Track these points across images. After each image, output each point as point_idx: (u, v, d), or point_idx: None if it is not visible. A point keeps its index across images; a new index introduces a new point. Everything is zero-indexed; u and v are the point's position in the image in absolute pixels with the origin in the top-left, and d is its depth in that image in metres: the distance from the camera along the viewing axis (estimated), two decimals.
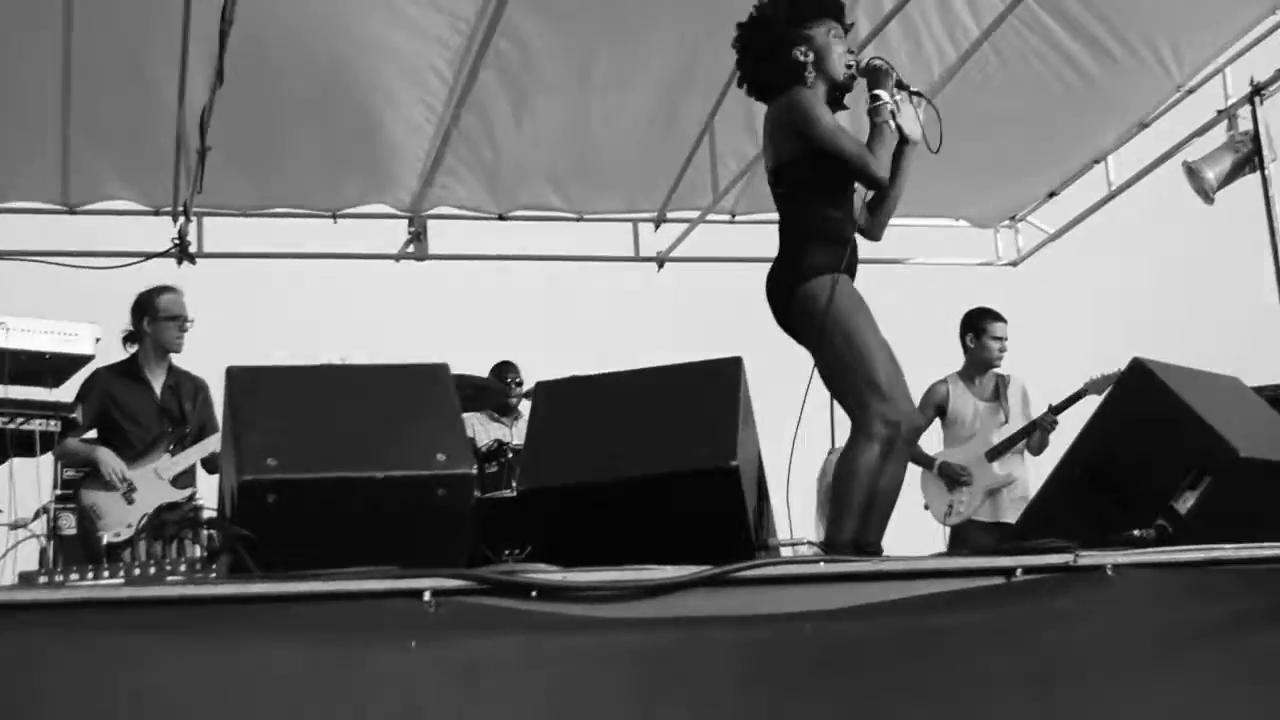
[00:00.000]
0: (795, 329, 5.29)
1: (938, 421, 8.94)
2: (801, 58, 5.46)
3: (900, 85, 5.55)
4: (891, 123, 5.49)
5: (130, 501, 7.11)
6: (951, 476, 8.69)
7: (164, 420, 7.51)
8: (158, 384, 7.61)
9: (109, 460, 7.21)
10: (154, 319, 7.56)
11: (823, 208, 5.37)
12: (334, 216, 10.19)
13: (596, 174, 10.33)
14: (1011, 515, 8.40)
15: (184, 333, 7.58)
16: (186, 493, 7.25)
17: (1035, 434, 8.64)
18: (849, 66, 5.51)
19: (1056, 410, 8.65)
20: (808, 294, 5.16)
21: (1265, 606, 4.00)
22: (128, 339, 7.64)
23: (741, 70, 5.69)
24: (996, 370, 8.89)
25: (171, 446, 7.36)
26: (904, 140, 5.58)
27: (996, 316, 8.85)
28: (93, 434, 7.42)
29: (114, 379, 7.54)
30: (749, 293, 6.01)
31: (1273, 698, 3.89)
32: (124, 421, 7.46)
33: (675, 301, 11.73)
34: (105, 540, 6.91)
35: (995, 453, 8.65)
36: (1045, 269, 11.74)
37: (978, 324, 8.85)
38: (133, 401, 7.50)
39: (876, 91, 5.49)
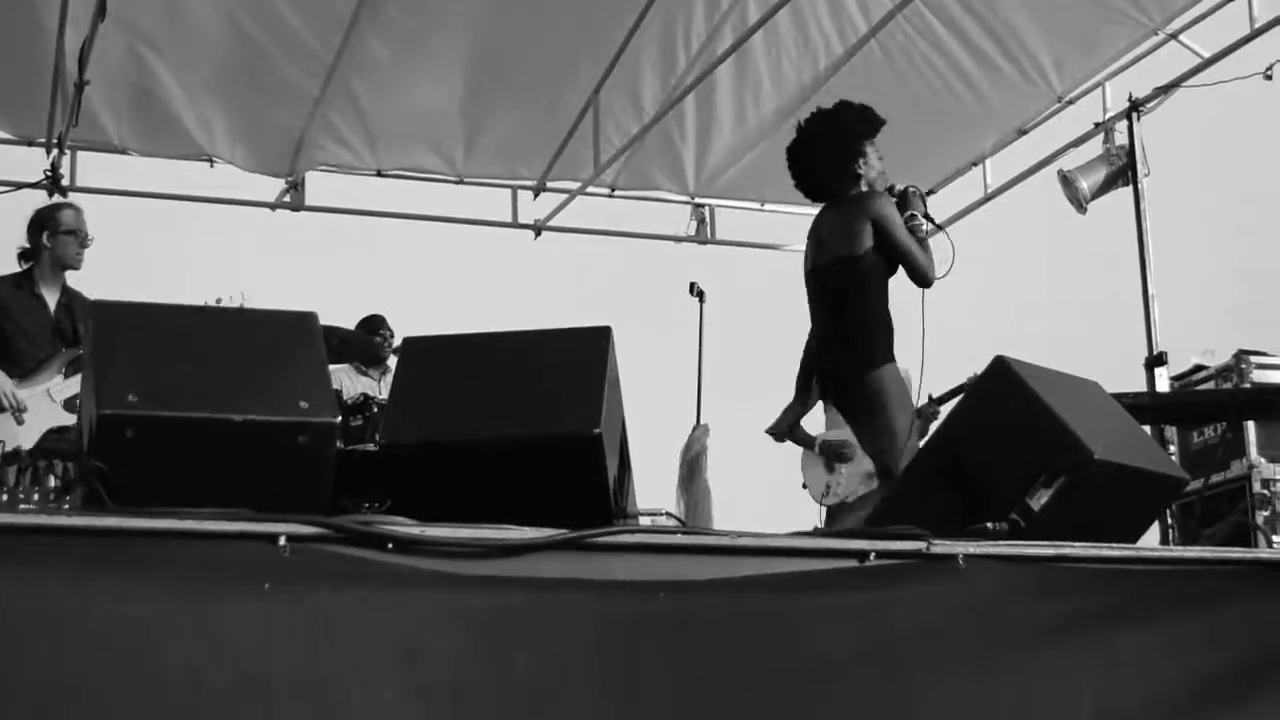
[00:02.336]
0: (850, 404, 6.45)
1: (820, 404, 8.99)
2: (861, 170, 6.42)
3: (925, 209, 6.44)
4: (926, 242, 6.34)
5: (20, 423, 6.91)
6: (832, 453, 8.73)
7: (57, 339, 7.27)
8: (52, 301, 7.38)
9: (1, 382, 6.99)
10: (54, 233, 7.34)
11: (884, 299, 6.34)
12: (211, 160, 10.06)
13: (479, 139, 10.29)
14: None
15: (84, 249, 7.38)
16: (75, 418, 6.93)
17: (916, 422, 8.70)
18: (887, 187, 6.45)
19: (938, 401, 8.72)
20: (877, 380, 6.22)
21: (1109, 605, 4.08)
22: (22, 255, 7.44)
23: (797, 163, 6.56)
24: None
25: (64, 368, 7.11)
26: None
27: None
28: None
29: (7, 291, 7.32)
30: (624, 265, 6.07)
31: (1110, 693, 3.96)
32: (15, 336, 7.23)
33: (550, 270, 11.75)
34: None
35: None
36: None
37: None
38: (26, 316, 7.27)
39: (913, 212, 6.35)
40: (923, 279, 6.31)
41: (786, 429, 9.07)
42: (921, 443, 8.68)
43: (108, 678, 3.18)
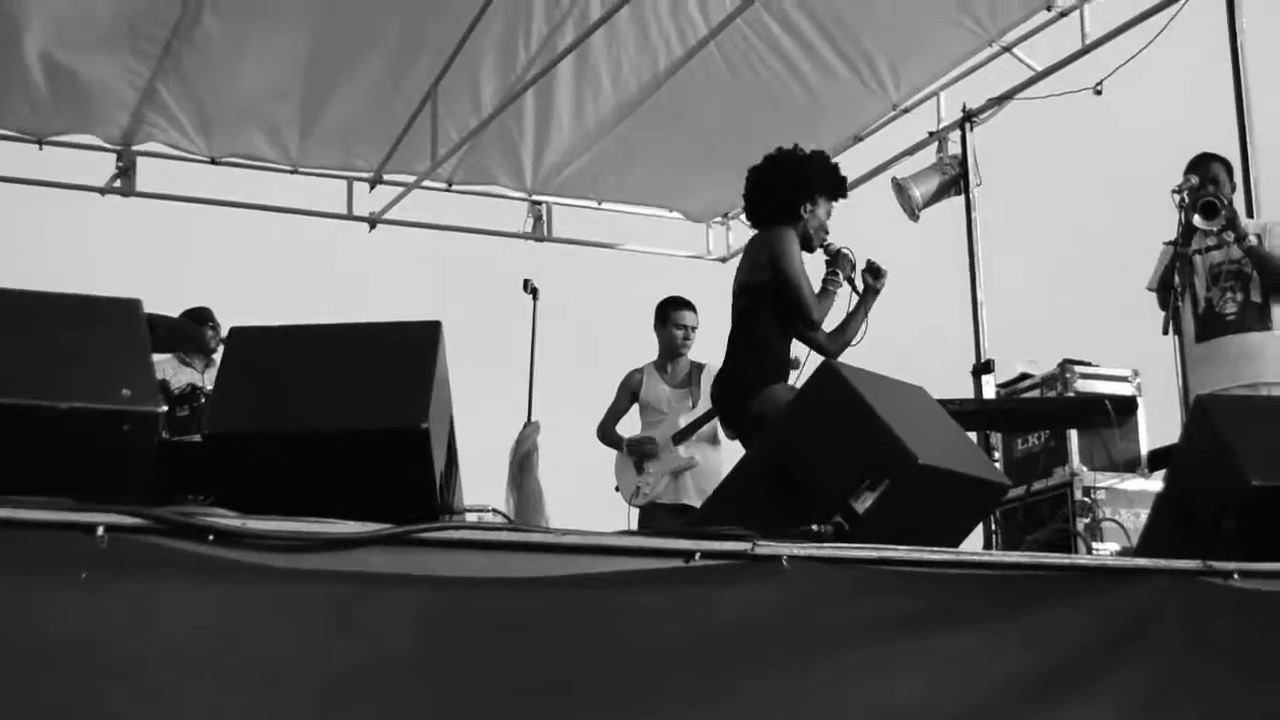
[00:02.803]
0: (737, 431, 6.68)
1: (636, 409, 9.08)
2: (804, 215, 6.60)
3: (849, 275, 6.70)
4: (834, 297, 6.63)
5: None
6: (638, 450, 8.81)
7: None
8: None
9: None
10: None
11: (776, 330, 6.49)
12: (40, 143, 9.88)
13: (315, 128, 10.22)
14: (695, 499, 8.60)
15: None
16: None
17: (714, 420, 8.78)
18: (822, 243, 6.68)
19: None
20: (758, 404, 6.30)
21: (930, 608, 4.13)
22: None
23: (754, 183, 6.87)
24: (691, 358, 9.03)
25: None
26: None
27: (682, 304, 9.02)
28: None
29: None
30: (458, 261, 6.05)
31: (932, 694, 4.02)
32: None
33: (384, 263, 11.67)
34: None
35: (680, 436, 8.78)
36: None
37: (664, 311, 9.02)
38: None
39: (836, 269, 6.66)
40: (806, 316, 6.47)
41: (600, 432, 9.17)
42: None
43: None
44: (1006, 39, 9.39)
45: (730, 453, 8.86)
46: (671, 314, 8.99)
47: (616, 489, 8.99)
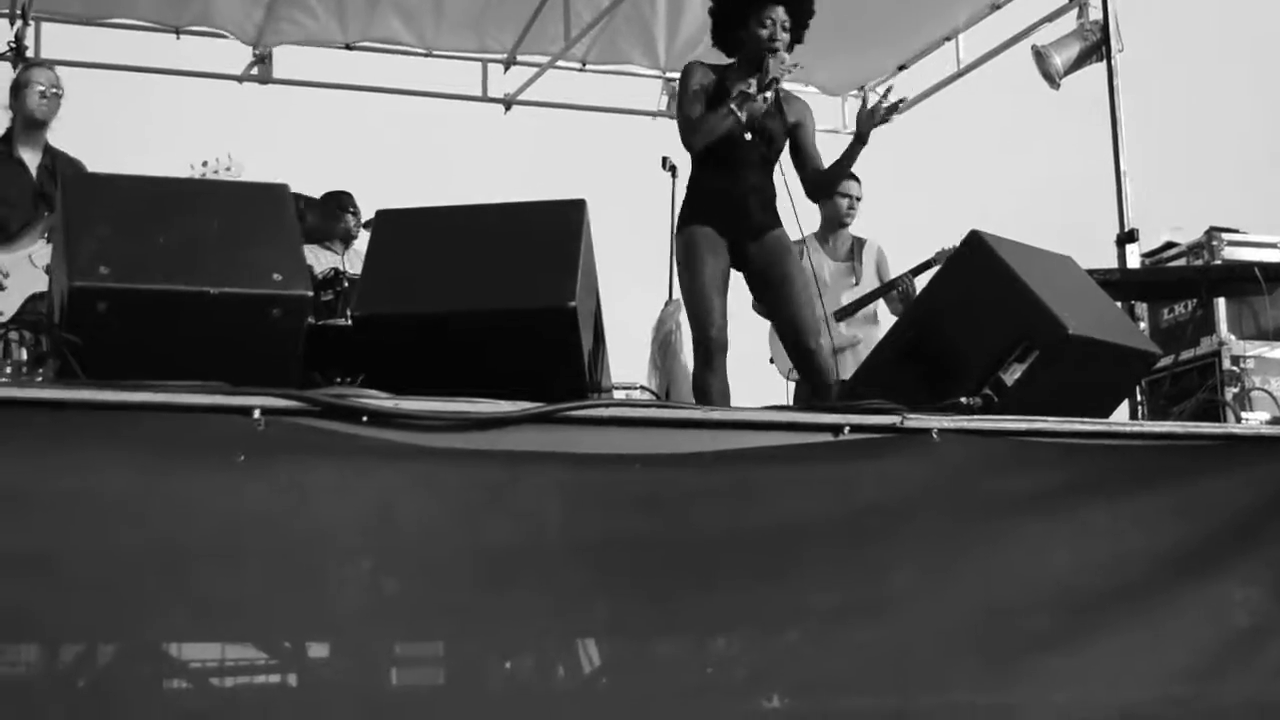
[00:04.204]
0: None
1: None
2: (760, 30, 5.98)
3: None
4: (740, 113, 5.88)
5: (1, 288, 6.84)
6: None
7: (40, 203, 7.08)
8: (33, 164, 7.22)
9: None
10: (16, 90, 7.24)
11: (699, 161, 6.03)
12: (177, 32, 9.94)
13: (448, 11, 10.18)
14: None
15: (46, 100, 7.18)
16: None
17: (893, 294, 8.69)
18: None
19: (915, 273, 8.70)
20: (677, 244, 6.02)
21: (1079, 479, 4.11)
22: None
23: (799, 39, 6.21)
24: (853, 233, 8.94)
25: (48, 232, 6.98)
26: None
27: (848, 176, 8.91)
28: None
29: None
30: (595, 140, 6.03)
31: (1083, 566, 4.00)
32: None
33: (521, 144, 11.67)
34: None
35: (844, 313, 8.69)
36: (891, 141, 11.81)
37: None
38: (5, 181, 7.09)
39: (747, 83, 5.90)
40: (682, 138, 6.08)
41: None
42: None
43: (76, 548, 3.19)
44: None
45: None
46: None
47: (771, 362, 8.93)
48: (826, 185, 6.35)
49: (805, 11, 6.17)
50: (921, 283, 8.62)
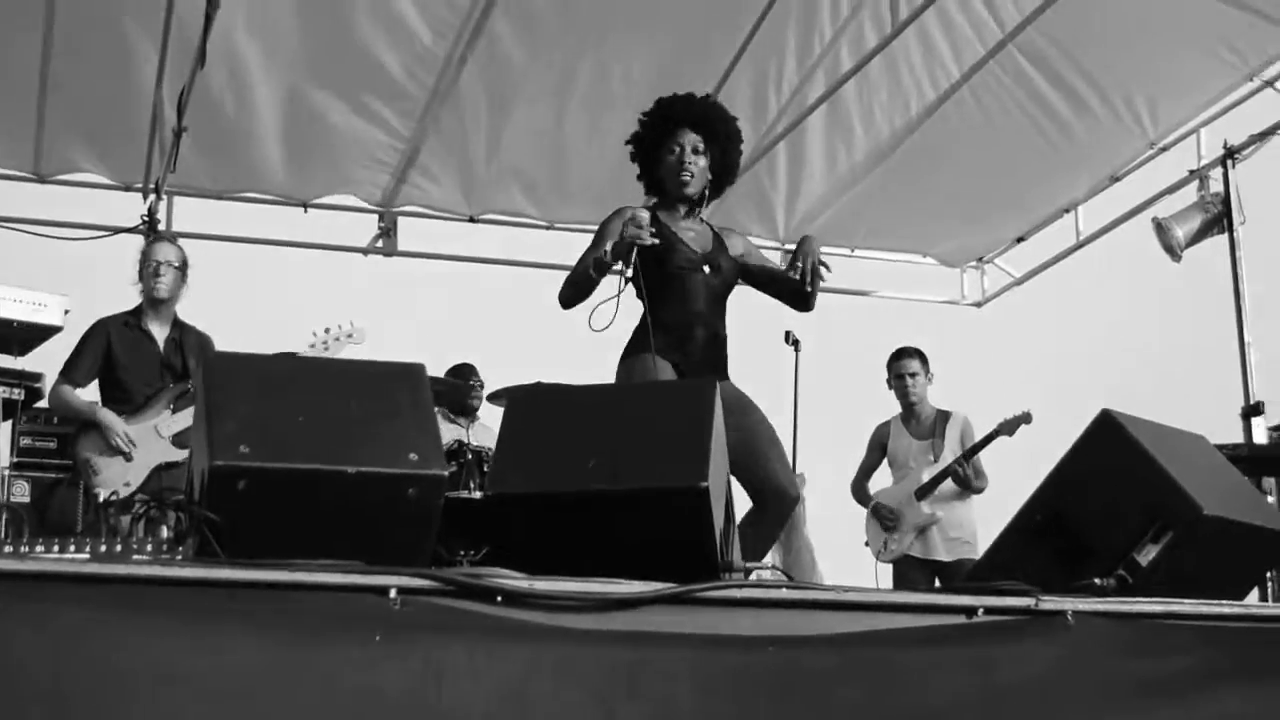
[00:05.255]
0: None
1: (887, 462, 9.08)
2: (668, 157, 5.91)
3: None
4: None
5: (129, 459, 6.98)
6: (879, 518, 8.81)
7: (166, 375, 7.33)
8: (160, 337, 7.44)
9: (110, 421, 7.05)
10: (140, 265, 7.46)
11: (657, 303, 5.73)
12: (305, 206, 10.18)
13: (569, 184, 10.35)
14: (944, 553, 8.55)
15: (159, 278, 7.37)
16: (185, 453, 6.85)
17: (951, 478, 8.71)
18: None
19: (967, 455, 8.73)
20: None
21: (1219, 664, 4.03)
22: None
23: (728, 159, 6.03)
24: (938, 406, 8.98)
25: (173, 403, 7.18)
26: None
27: (899, 354, 9.01)
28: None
29: (116, 329, 7.37)
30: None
31: None
32: (123, 374, 7.28)
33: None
34: (101, 497, 6.80)
35: (923, 491, 8.72)
36: (1009, 312, 11.81)
37: (888, 365, 9.01)
38: (133, 353, 7.32)
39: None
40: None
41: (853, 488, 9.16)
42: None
43: None
44: (1267, 73, 9.16)
45: (978, 504, 8.78)
46: (891, 364, 8.99)
47: (866, 544, 8.97)
48: (808, 295, 5.92)
49: (719, 133, 5.96)
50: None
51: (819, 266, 5.74)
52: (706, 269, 5.83)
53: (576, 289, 5.77)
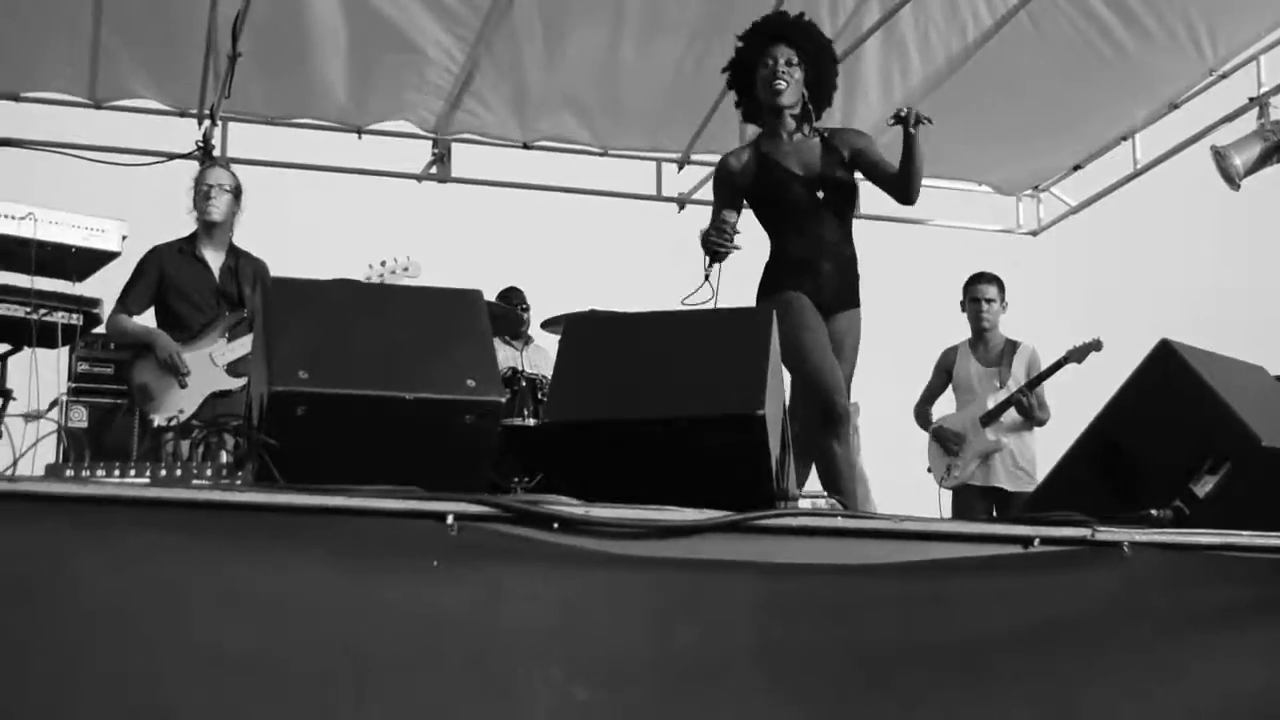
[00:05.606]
0: None
1: (950, 386, 9.03)
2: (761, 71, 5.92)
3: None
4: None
5: (183, 386, 7.01)
6: (943, 442, 8.76)
7: (221, 302, 7.35)
8: (216, 264, 7.45)
9: (165, 343, 7.08)
10: (194, 191, 7.49)
11: (772, 229, 5.97)
12: (359, 132, 10.17)
13: (623, 111, 10.31)
14: (1006, 481, 8.53)
15: (212, 201, 7.40)
16: (241, 381, 6.93)
17: (1014, 408, 8.68)
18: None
19: (1032, 384, 8.69)
20: None
21: (1276, 594, 4.02)
22: None
23: (823, 76, 6.03)
24: (1007, 335, 8.93)
25: (228, 331, 7.21)
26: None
27: (978, 279, 8.94)
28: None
29: (170, 256, 7.39)
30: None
31: (1277, 683, 3.91)
32: (178, 302, 7.30)
33: (694, 242, 11.70)
34: (157, 423, 6.86)
35: (988, 418, 8.69)
36: (1065, 240, 11.74)
37: (965, 288, 8.93)
38: (189, 281, 7.34)
39: None
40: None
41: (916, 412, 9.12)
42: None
43: (278, 650, 3.24)
44: None
45: (1040, 435, 8.75)
46: (968, 287, 8.93)
47: (928, 470, 8.94)
48: (907, 183, 5.89)
49: (815, 48, 5.97)
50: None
51: (920, 116, 5.66)
52: (820, 193, 5.83)
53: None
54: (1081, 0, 9.23)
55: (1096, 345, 8.63)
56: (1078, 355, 8.65)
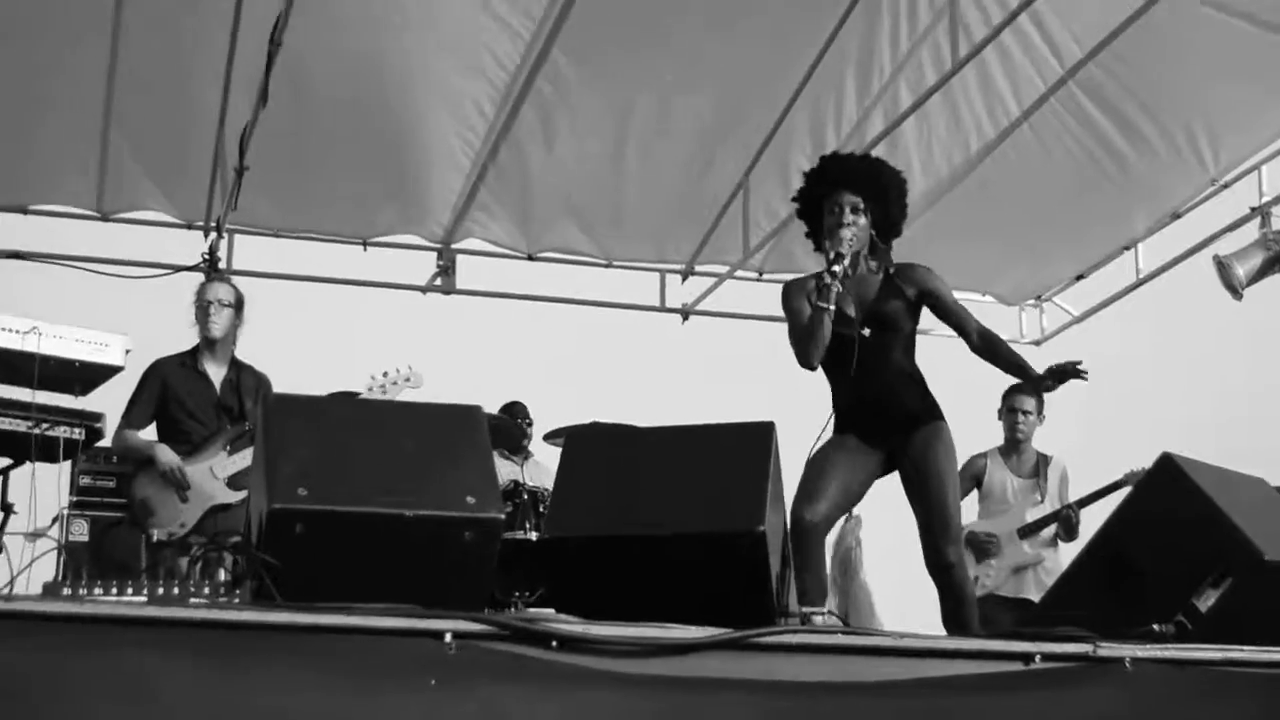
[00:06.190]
0: None
1: (974, 494, 8.97)
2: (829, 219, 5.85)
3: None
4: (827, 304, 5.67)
5: (184, 500, 7.01)
6: (978, 546, 8.66)
7: (222, 416, 7.36)
8: (218, 378, 7.47)
9: (167, 458, 7.08)
10: (194, 306, 7.51)
11: (832, 373, 5.87)
12: (364, 244, 10.23)
13: (628, 222, 10.36)
14: (1035, 594, 8.42)
15: (212, 317, 7.42)
16: (241, 495, 6.91)
17: (1057, 524, 8.64)
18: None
19: (1081, 504, 8.65)
20: None
21: (1277, 711, 4.00)
22: None
23: (890, 214, 5.96)
24: (1038, 449, 8.91)
25: (229, 445, 7.22)
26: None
27: (1017, 390, 8.87)
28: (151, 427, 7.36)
29: (173, 370, 7.41)
30: (771, 350, 6.04)
31: None
32: (180, 415, 7.32)
33: (698, 354, 11.75)
34: (155, 538, 6.84)
35: (1027, 531, 8.65)
36: (1069, 350, 11.71)
37: (1004, 398, 8.89)
38: (190, 394, 7.36)
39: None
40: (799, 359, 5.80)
41: None
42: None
43: None
44: None
45: (1068, 553, 8.71)
46: (1006, 398, 8.86)
47: None
48: (991, 352, 5.95)
49: (879, 191, 5.90)
50: (1092, 511, 8.60)
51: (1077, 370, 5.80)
52: (866, 331, 5.78)
53: (804, 335, 5.72)
54: (1083, 112, 9.29)
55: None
56: (1134, 479, 8.56)
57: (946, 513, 5.66)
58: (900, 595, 8.85)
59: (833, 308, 5.61)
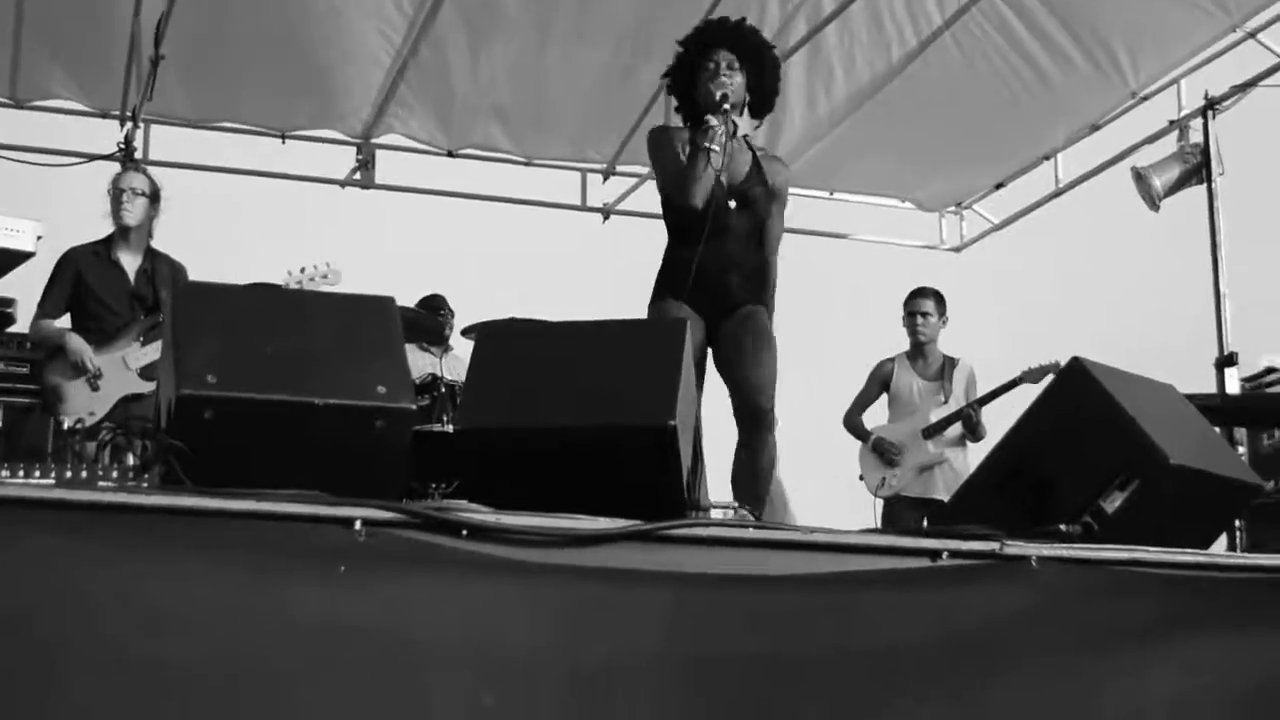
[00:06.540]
0: None
1: (884, 398, 9.07)
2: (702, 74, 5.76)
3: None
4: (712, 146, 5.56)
5: (95, 389, 6.96)
6: (883, 453, 8.79)
7: (135, 306, 7.32)
8: (131, 267, 7.42)
9: (76, 345, 7.05)
10: (109, 195, 7.43)
11: (671, 234, 5.83)
12: (283, 137, 10.14)
13: (549, 121, 10.32)
14: (943, 493, 8.54)
15: (123, 205, 7.37)
16: (153, 385, 6.70)
17: (960, 422, 8.75)
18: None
19: (980, 402, 8.76)
20: None
21: (1182, 611, 4.05)
22: None
23: (764, 82, 5.85)
24: (944, 352, 8.99)
25: (142, 335, 7.16)
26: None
27: (917, 293, 8.99)
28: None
29: (86, 259, 7.37)
30: None
31: (1185, 700, 3.94)
32: (93, 304, 7.28)
33: (617, 254, 11.73)
34: (66, 425, 6.80)
35: (931, 431, 8.75)
36: (987, 258, 11.82)
37: (905, 303, 8.99)
38: (103, 283, 7.32)
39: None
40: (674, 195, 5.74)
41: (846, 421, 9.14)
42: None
43: (180, 655, 3.20)
44: (1250, 25, 9.13)
45: (977, 453, 8.80)
46: (906, 301, 8.97)
47: (860, 479, 8.97)
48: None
49: (753, 51, 5.81)
50: (992, 410, 8.70)
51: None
52: (732, 203, 5.72)
53: (684, 174, 5.62)
54: (1005, 24, 9.31)
55: (1055, 368, 8.68)
56: (1034, 376, 8.71)
57: (756, 370, 5.64)
58: (817, 493, 8.93)
59: (717, 148, 5.50)
